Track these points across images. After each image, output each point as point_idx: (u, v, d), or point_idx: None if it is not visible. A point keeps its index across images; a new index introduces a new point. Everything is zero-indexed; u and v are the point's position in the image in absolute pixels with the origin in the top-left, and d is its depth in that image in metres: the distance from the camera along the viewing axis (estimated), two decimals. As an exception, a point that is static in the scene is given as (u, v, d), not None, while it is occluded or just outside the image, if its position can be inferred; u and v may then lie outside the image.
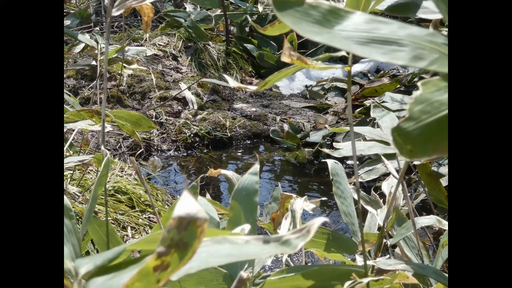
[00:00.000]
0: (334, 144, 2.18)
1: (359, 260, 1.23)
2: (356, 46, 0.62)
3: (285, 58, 0.68)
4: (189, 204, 0.48)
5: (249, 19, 4.97)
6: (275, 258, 2.23)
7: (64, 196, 0.91)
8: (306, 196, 1.19)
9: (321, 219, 0.56)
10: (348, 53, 0.76)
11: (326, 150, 2.25)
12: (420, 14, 0.87)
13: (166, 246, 0.48)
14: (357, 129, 2.21)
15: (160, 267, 0.49)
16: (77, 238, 0.85)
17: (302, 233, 0.55)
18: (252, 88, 0.79)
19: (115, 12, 0.93)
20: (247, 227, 0.72)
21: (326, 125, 4.02)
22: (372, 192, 1.50)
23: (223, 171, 1.47)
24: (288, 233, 0.55)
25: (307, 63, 0.70)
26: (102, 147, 1.16)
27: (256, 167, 0.92)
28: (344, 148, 2.13)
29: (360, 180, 2.36)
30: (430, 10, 0.88)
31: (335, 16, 0.64)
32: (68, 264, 0.62)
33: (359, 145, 2.00)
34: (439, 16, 0.85)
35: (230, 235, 0.56)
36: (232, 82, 0.81)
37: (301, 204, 1.13)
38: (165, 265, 0.49)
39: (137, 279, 0.50)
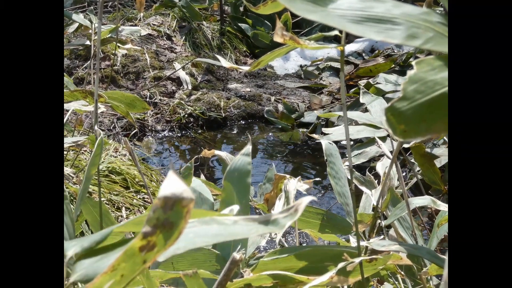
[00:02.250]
0: (323, 129, 2.18)
1: (353, 241, 1.23)
2: (351, 24, 0.61)
3: (277, 38, 0.67)
4: (174, 184, 0.48)
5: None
6: (269, 239, 2.23)
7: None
8: (299, 177, 1.18)
9: (309, 198, 0.55)
10: (341, 33, 0.75)
11: (315, 136, 2.25)
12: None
13: (152, 226, 0.47)
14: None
15: (146, 247, 0.49)
16: (70, 218, 0.85)
17: (289, 213, 0.55)
18: (245, 68, 0.79)
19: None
20: (235, 207, 0.72)
21: (316, 111, 4.00)
22: (367, 172, 1.49)
23: (217, 152, 1.46)
24: (275, 212, 0.55)
25: (299, 43, 0.69)
26: (96, 127, 1.15)
27: (248, 148, 0.92)
28: (333, 133, 2.13)
29: (356, 162, 2.36)
30: (424, -11, 0.87)
31: (329, -6, 0.64)
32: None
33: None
34: (434, -5, 0.85)
35: (218, 216, 0.56)
36: (225, 63, 0.81)
37: (294, 184, 1.13)
38: (151, 245, 0.49)
39: (123, 259, 0.49)
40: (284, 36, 0.67)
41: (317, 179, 3.27)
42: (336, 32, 0.76)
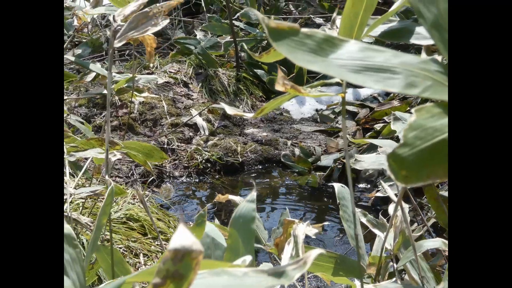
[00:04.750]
0: (356, 156, 2.18)
1: (359, 285, 1.23)
2: (350, 74, 0.63)
3: (279, 87, 0.69)
4: (184, 236, 0.49)
5: (245, 46, 4.95)
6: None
7: (68, 226, 0.92)
8: (308, 221, 1.19)
9: (317, 251, 0.57)
10: (342, 80, 0.77)
11: (349, 163, 2.24)
12: (413, 40, 0.88)
13: (162, 278, 0.49)
14: (377, 141, 2.20)
15: (156, 298, 0.50)
16: (81, 266, 0.86)
17: (299, 265, 0.56)
18: (250, 115, 0.81)
19: (117, 44, 0.95)
20: (248, 258, 0.73)
21: (332, 155, 4.00)
22: (380, 216, 1.50)
23: (230, 197, 1.47)
24: (285, 264, 0.56)
25: (300, 91, 0.71)
26: (107, 177, 1.17)
27: (253, 194, 0.93)
28: (365, 160, 2.13)
29: (381, 194, 2.36)
30: (422, 36, 0.89)
31: (329, 44, 0.65)
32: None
33: (380, 158, 1.99)
34: (431, 41, 0.86)
35: (228, 267, 0.57)
36: (229, 110, 0.83)
37: (303, 229, 1.14)
38: (161, 296, 0.50)
39: (135, 310, 0.51)
40: (285, 85, 0.69)
41: (326, 223, 3.26)
42: (337, 80, 0.78)
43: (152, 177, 3.70)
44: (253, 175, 3.99)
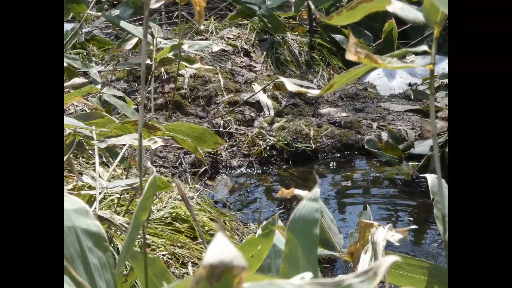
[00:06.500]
0: None
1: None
2: None
3: (350, 56, 0.68)
4: (223, 248, 0.48)
5: (312, 5, 4.87)
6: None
7: (98, 223, 0.93)
8: (390, 225, 1.17)
9: (392, 258, 0.55)
10: (430, 49, 0.76)
11: None
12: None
13: (194, 300, 0.48)
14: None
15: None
16: (112, 273, 0.86)
17: (367, 276, 0.54)
18: (315, 92, 0.80)
19: (155, 4, 0.95)
20: (307, 276, 0.72)
21: (429, 140, 3.94)
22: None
23: (296, 191, 1.46)
24: (350, 275, 0.55)
25: (377, 61, 0.69)
26: (149, 164, 1.18)
27: (316, 191, 0.92)
28: None
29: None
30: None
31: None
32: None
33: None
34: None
35: (278, 280, 0.56)
36: (290, 85, 0.81)
37: (384, 234, 1.12)
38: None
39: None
40: (358, 54, 0.68)
41: (414, 226, 3.21)
42: (424, 48, 0.76)
43: (205, 168, 3.71)
44: (330, 165, 3.97)
